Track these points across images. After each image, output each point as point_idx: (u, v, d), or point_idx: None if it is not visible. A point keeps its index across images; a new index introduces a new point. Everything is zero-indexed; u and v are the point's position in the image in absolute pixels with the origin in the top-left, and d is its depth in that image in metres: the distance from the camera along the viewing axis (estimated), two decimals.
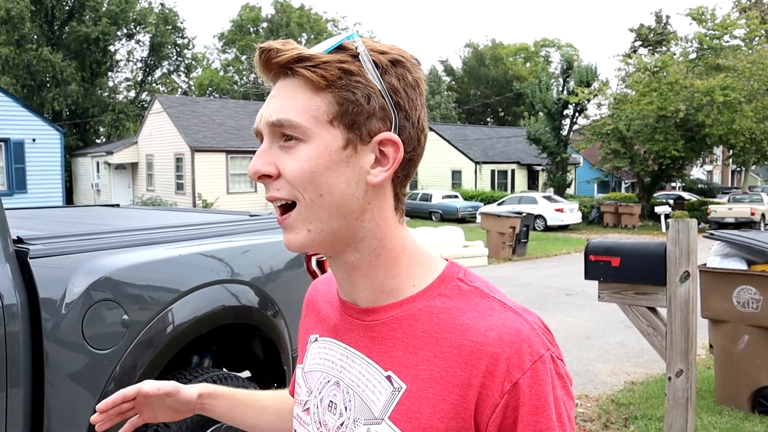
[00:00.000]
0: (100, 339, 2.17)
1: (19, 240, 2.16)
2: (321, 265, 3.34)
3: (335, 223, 0.74)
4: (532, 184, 33.52)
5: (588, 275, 3.39)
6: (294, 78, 0.74)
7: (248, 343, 3.13)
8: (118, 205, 4.96)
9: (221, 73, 51.55)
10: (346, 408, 0.79)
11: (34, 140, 20.53)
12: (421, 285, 0.78)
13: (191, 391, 1.03)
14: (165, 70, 43.96)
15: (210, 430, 2.61)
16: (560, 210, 22.00)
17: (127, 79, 42.91)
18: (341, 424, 0.79)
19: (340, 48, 0.74)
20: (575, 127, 29.19)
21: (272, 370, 3.12)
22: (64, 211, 4.55)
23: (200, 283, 2.56)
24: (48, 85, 33.15)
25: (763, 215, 21.32)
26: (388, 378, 0.75)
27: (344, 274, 0.80)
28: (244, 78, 51.38)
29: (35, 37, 33.42)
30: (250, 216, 3.50)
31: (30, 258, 2.08)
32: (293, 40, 0.75)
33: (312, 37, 48.47)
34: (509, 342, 0.70)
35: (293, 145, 0.73)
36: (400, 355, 0.75)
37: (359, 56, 0.73)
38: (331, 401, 0.81)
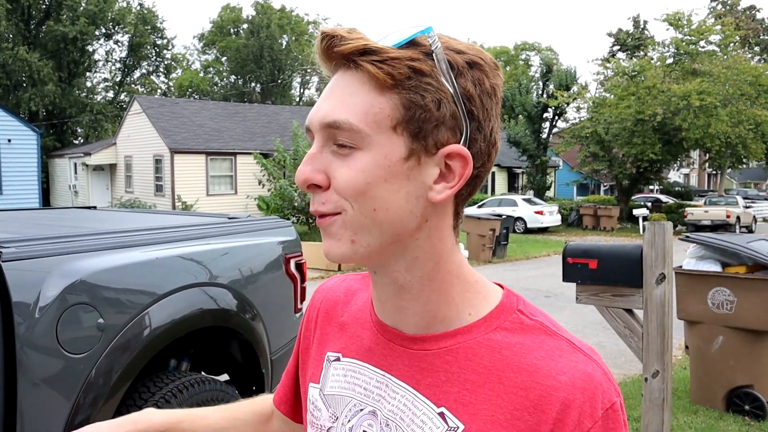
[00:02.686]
0: (74, 343, 2.14)
1: None
2: (300, 268, 3.33)
3: (386, 239, 0.67)
4: (512, 187, 33.74)
5: (566, 277, 3.42)
6: (357, 72, 0.65)
7: (227, 346, 3.11)
8: (95, 207, 4.90)
9: (201, 74, 51.14)
10: None
11: (9, 141, 20.22)
12: (478, 315, 0.71)
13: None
14: (144, 71, 43.54)
15: None
16: (540, 212, 22.16)
17: (105, 80, 42.43)
18: None
19: (412, 43, 0.64)
20: (555, 130, 29.46)
21: (251, 373, 3.10)
22: (39, 213, 4.49)
23: (178, 286, 2.54)
24: (24, 84, 32.63)
25: (738, 218, 21.69)
26: (441, 415, 0.68)
27: (390, 294, 0.72)
28: (225, 79, 51.07)
29: (11, 36, 32.87)
30: (229, 218, 3.48)
31: (2, 261, 2.04)
32: (357, 29, 0.66)
33: (293, 38, 48.35)
34: (582, 388, 0.64)
35: (348, 152, 0.65)
36: (455, 391, 0.68)
37: (433, 54, 0.64)
38: (365, 431, 0.74)
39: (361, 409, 0.75)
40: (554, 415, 0.64)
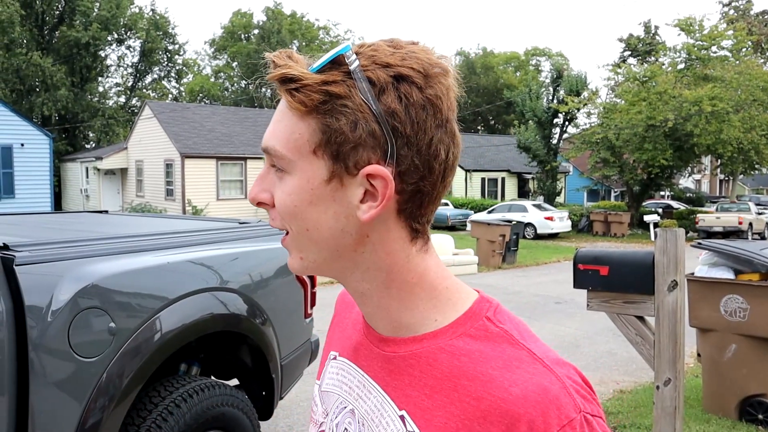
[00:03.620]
0: (86, 347, 2.16)
1: (5, 247, 2.14)
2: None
3: (327, 255, 0.69)
4: (522, 192, 33.65)
5: (577, 284, 3.40)
6: (283, 99, 0.67)
7: (236, 351, 3.12)
8: (106, 212, 4.93)
9: (212, 80, 51.45)
10: None
11: (22, 145, 20.41)
12: (445, 321, 0.70)
13: None
14: (156, 76, 43.86)
15: None
16: (550, 218, 22.08)
17: (117, 85, 42.77)
18: None
19: (335, 62, 0.64)
20: (565, 135, 29.37)
21: (260, 378, 3.11)
22: (51, 217, 4.52)
23: (188, 290, 2.55)
24: (37, 89, 32.96)
25: (750, 224, 21.50)
26: (402, 418, 0.69)
27: (358, 299, 0.74)
28: (235, 84, 51.33)
29: (25, 41, 33.25)
30: (240, 223, 3.49)
31: (16, 265, 2.06)
32: (292, 53, 0.67)
33: (304, 44, 48.55)
34: (534, 402, 0.61)
35: (281, 176, 0.68)
36: (415, 396, 0.69)
37: (352, 73, 0.64)
38: (346, 429, 0.77)
39: (345, 407, 0.78)
40: (503, 429, 0.62)
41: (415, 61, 0.65)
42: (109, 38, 36.82)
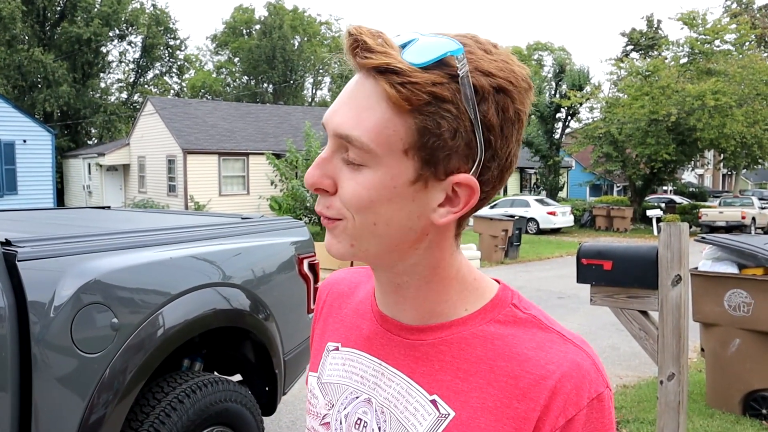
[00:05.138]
0: (89, 342, 2.15)
1: (7, 242, 2.13)
2: (313, 268, 3.32)
3: (383, 249, 0.68)
4: (525, 187, 33.61)
5: (580, 278, 3.39)
6: (376, 86, 0.63)
7: (239, 346, 3.12)
8: (109, 207, 4.93)
9: (214, 75, 51.42)
10: (379, 428, 0.74)
11: (24, 141, 20.42)
12: (473, 309, 0.73)
13: None
14: (157, 72, 43.83)
15: (206, 431, 2.60)
16: (552, 213, 22.07)
17: (119, 81, 42.77)
18: None
19: (441, 62, 0.62)
20: (567, 130, 29.33)
21: (263, 373, 3.10)
22: (53, 213, 4.53)
23: (191, 286, 2.54)
24: (39, 85, 32.97)
25: (753, 219, 21.47)
26: (433, 402, 0.70)
27: (389, 290, 0.74)
28: (237, 80, 51.30)
29: (26, 37, 33.25)
30: (242, 219, 3.49)
31: (18, 261, 2.05)
32: (382, 34, 0.63)
33: (306, 39, 48.47)
34: (570, 377, 0.66)
35: (358, 167, 0.65)
36: (448, 380, 0.70)
37: (459, 79, 0.61)
38: (359, 419, 0.76)
39: (357, 397, 0.77)
40: (543, 403, 0.65)
41: (511, 73, 0.64)
42: (111, 34, 36.79)
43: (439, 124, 0.62)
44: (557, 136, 28.71)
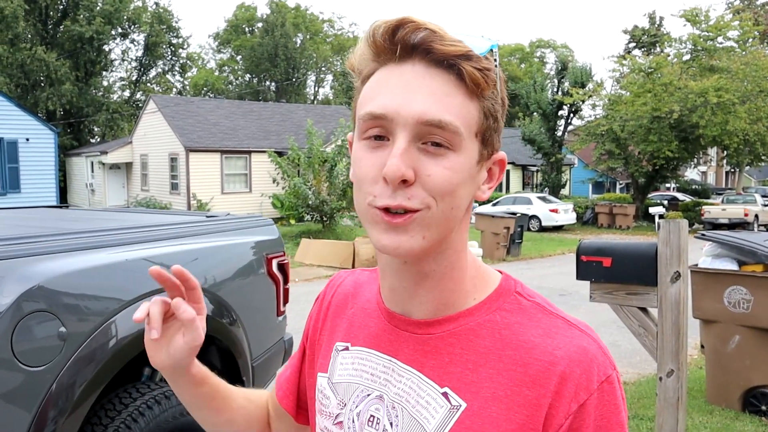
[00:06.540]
0: (33, 355, 1.94)
1: None
2: (283, 268, 3.18)
3: (443, 234, 0.69)
4: (527, 185, 33.57)
5: (580, 275, 3.40)
6: (447, 74, 0.65)
7: (204, 353, 2.93)
8: (67, 206, 4.63)
9: (216, 73, 51.44)
10: (391, 424, 0.74)
11: (27, 140, 20.46)
12: (479, 298, 0.75)
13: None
14: (160, 70, 43.86)
15: None
16: (555, 210, 22.03)
17: (121, 79, 42.81)
18: None
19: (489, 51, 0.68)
20: (570, 127, 29.26)
21: (230, 381, 2.98)
22: (3, 213, 4.05)
23: (147, 290, 2.30)
24: (42, 84, 33.01)
25: (756, 216, 21.40)
26: (445, 395, 0.71)
27: (409, 282, 0.74)
28: (239, 78, 51.29)
29: (29, 36, 33.28)
30: (207, 217, 3.27)
31: None
32: (440, 27, 0.67)
33: (308, 37, 48.44)
34: (578, 361, 0.68)
35: (442, 152, 0.66)
36: (458, 372, 0.71)
37: (496, 68, 0.68)
38: (372, 416, 0.77)
39: (368, 394, 0.78)
40: (553, 389, 0.67)
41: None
42: (113, 32, 36.82)
43: (494, 106, 0.69)
44: (559, 133, 28.64)
